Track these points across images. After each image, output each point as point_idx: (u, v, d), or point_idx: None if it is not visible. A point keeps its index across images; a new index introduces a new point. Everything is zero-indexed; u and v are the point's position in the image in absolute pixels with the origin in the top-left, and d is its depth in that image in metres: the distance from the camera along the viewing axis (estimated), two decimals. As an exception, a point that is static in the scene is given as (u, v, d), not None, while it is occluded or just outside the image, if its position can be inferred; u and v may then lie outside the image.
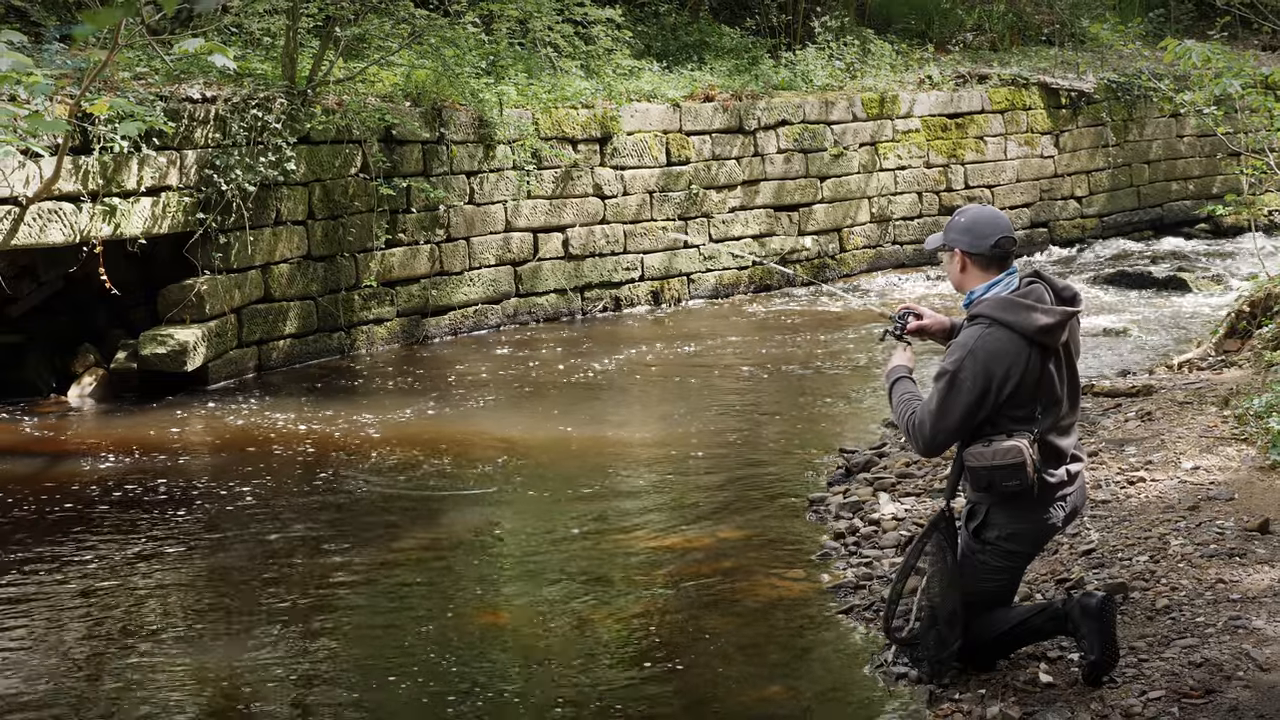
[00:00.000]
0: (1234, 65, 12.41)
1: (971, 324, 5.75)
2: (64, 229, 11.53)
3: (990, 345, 5.63)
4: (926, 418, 5.72)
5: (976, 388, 5.61)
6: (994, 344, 5.63)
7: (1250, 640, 5.87)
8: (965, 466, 5.76)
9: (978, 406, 5.63)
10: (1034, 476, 5.63)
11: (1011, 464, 5.61)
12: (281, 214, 13.45)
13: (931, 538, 5.95)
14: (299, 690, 6.54)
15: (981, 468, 5.67)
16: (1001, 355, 5.61)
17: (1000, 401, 5.63)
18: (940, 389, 5.69)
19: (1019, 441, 5.62)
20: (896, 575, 6.15)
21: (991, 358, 5.61)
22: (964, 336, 5.74)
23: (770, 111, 17.99)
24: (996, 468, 5.63)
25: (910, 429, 5.82)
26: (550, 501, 9.46)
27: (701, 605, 7.45)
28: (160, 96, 12.24)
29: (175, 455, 10.60)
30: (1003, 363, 5.61)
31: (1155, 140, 22.66)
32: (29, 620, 7.41)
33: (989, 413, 5.66)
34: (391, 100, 14.62)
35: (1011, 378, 5.61)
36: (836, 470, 9.62)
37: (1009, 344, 5.62)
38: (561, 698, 6.40)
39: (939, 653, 6.00)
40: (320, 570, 8.09)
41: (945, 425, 5.68)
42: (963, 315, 5.92)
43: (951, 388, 5.65)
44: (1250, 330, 11.17)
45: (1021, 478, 5.61)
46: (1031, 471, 5.61)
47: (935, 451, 5.90)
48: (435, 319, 15.14)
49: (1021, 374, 5.62)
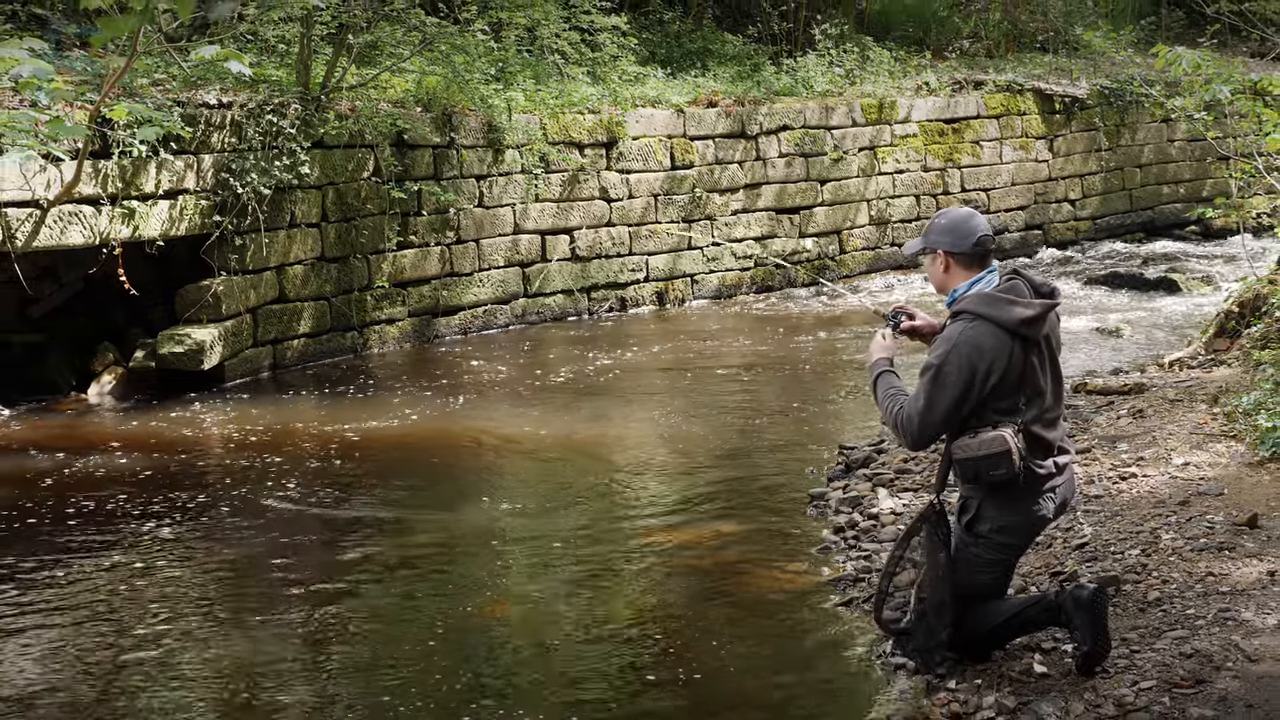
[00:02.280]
0: (1223, 72, 12.39)
1: (955, 320, 5.77)
2: (84, 231, 11.54)
3: (973, 339, 5.65)
4: (914, 412, 5.73)
5: (961, 380, 5.62)
6: (977, 338, 5.65)
7: (1239, 632, 5.86)
8: (953, 459, 5.76)
9: (963, 399, 5.64)
10: (1020, 465, 5.63)
11: (996, 453, 5.61)
12: (296, 216, 13.46)
13: (920, 530, 5.96)
14: (312, 681, 6.54)
15: (968, 459, 5.67)
16: (984, 348, 5.63)
17: (984, 394, 5.64)
18: (925, 383, 5.70)
19: (1003, 431, 5.63)
20: (885, 567, 6.17)
21: (975, 351, 5.63)
22: (948, 332, 5.76)
23: (772, 117, 17.98)
24: (982, 458, 5.63)
25: (898, 424, 5.82)
26: (557, 496, 9.45)
27: (705, 597, 7.45)
28: (177, 102, 12.24)
29: (192, 452, 10.61)
30: (986, 356, 5.62)
31: (1147, 145, 22.65)
32: (49, 613, 7.41)
33: (974, 405, 5.66)
34: (403, 106, 14.62)
35: (995, 370, 5.62)
36: (836, 466, 9.61)
37: (992, 337, 5.64)
38: (567, 687, 6.40)
39: (927, 642, 6.01)
40: (333, 564, 8.09)
41: (931, 419, 5.70)
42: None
43: (936, 381, 5.66)
44: (1239, 330, 11.15)
45: (1007, 466, 5.61)
46: (1017, 460, 5.61)
47: (923, 445, 5.89)
48: (446, 319, 15.15)
49: (1005, 366, 5.64)
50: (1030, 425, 5.71)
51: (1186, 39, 22.34)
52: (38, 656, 6.84)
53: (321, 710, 6.23)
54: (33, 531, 8.68)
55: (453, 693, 6.34)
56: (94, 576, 7.91)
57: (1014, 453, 5.61)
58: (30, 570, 8.00)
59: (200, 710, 6.27)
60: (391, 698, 6.30)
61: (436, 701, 6.26)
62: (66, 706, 6.32)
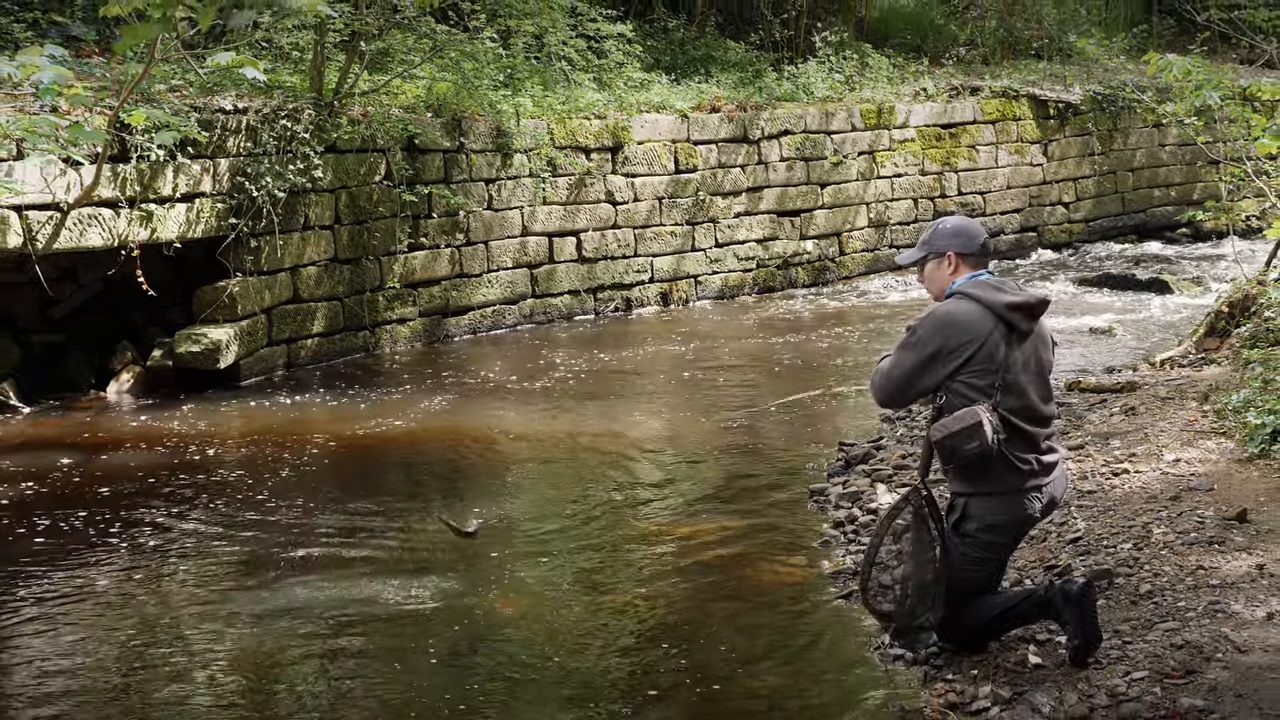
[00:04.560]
0: (1213, 78, 12.40)
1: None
2: (103, 233, 11.54)
3: (953, 310, 5.77)
4: (885, 367, 5.88)
5: (930, 346, 5.72)
6: (957, 311, 5.76)
7: (1229, 624, 5.86)
8: (931, 443, 5.77)
9: (929, 362, 5.72)
10: (993, 440, 5.60)
11: (968, 426, 5.61)
12: (309, 219, 13.46)
13: (900, 513, 5.98)
14: (322, 674, 6.54)
15: (944, 439, 5.67)
16: (961, 321, 5.72)
17: (955, 367, 5.69)
18: (900, 344, 5.85)
19: (976, 407, 5.65)
20: (868, 548, 6.18)
21: (950, 320, 5.74)
22: (936, 306, 5.90)
23: (773, 122, 17.97)
24: (956, 433, 5.63)
25: (873, 381, 5.98)
26: (563, 491, 9.46)
27: (708, 590, 7.45)
28: (194, 107, 12.25)
29: (209, 448, 10.61)
30: (960, 329, 5.70)
31: (1138, 149, 22.63)
32: (69, 603, 7.42)
33: (944, 378, 5.71)
34: (414, 111, 14.62)
35: (969, 345, 5.68)
36: (836, 462, 9.61)
37: (972, 313, 5.73)
38: (572, 677, 6.40)
39: (907, 623, 6.02)
40: (345, 558, 8.09)
41: (895, 375, 5.82)
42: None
43: (908, 343, 5.80)
44: (1229, 329, 11.14)
45: (979, 439, 5.59)
46: (989, 434, 5.59)
47: (890, 401, 6.01)
48: (455, 319, 15.15)
49: (981, 343, 5.68)
50: (1011, 415, 5.71)
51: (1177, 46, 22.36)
52: (56, 645, 6.85)
53: (332, 707, 6.23)
54: (53, 524, 8.68)
55: (459, 683, 6.34)
56: (112, 568, 7.93)
57: (986, 426, 5.59)
58: (51, 561, 8.01)
59: (211, 701, 6.27)
60: (402, 690, 6.30)
61: (444, 693, 6.27)
62: (87, 691, 6.33)
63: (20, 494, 9.37)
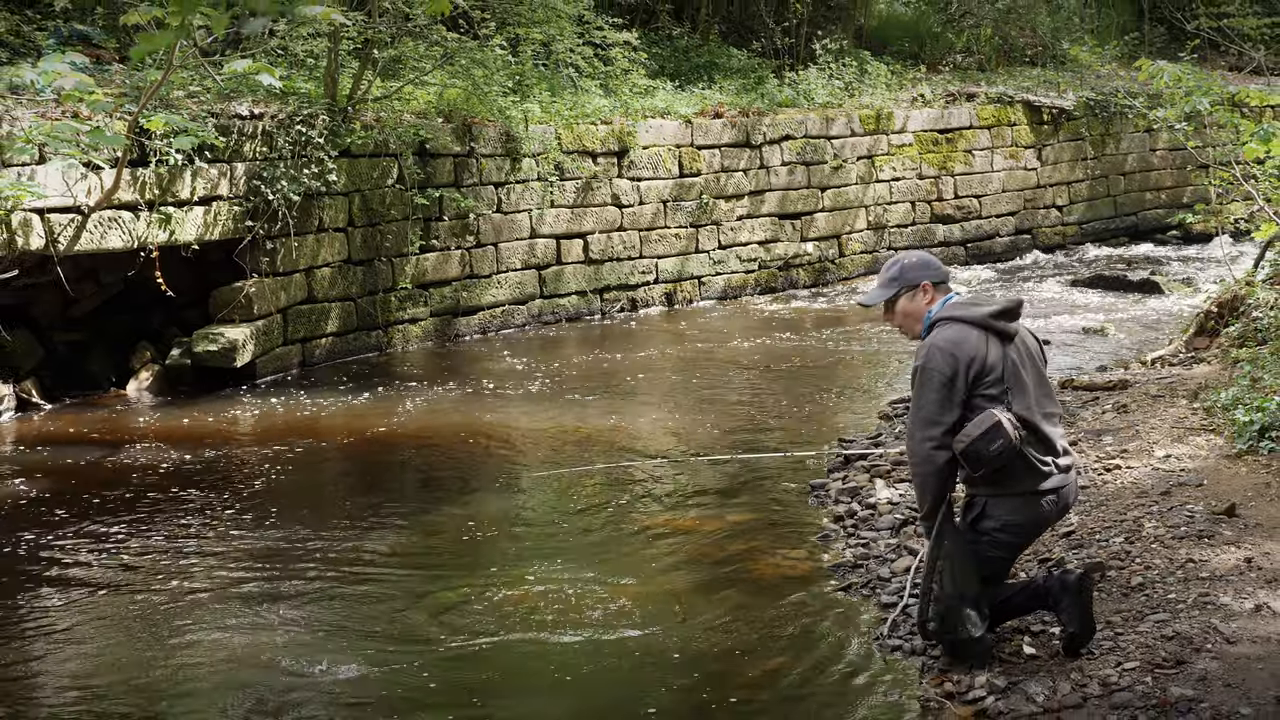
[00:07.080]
0: (1203, 84, 12.36)
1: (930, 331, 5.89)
2: (123, 235, 11.55)
3: (949, 334, 5.77)
4: (909, 424, 5.83)
5: (943, 373, 5.69)
6: (952, 333, 5.77)
7: (1218, 615, 5.85)
8: (955, 453, 5.71)
9: (949, 387, 5.68)
10: (1018, 439, 5.62)
11: (990, 427, 5.61)
12: (324, 222, 13.46)
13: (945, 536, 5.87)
14: (336, 665, 6.53)
15: (969, 446, 5.65)
16: (961, 340, 5.73)
17: (970, 381, 5.68)
18: (916, 387, 5.79)
19: (993, 409, 5.65)
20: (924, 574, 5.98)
21: (952, 343, 5.73)
22: (926, 339, 5.87)
23: (775, 127, 17.96)
24: (979, 437, 5.62)
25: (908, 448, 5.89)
26: (570, 486, 9.45)
27: (710, 583, 7.44)
28: (211, 113, 12.26)
29: (226, 444, 10.61)
30: (964, 346, 5.71)
31: (1130, 154, 22.59)
32: (91, 597, 7.42)
33: (964, 395, 5.68)
34: (425, 117, 14.62)
35: (976, 359, 5.70)
36: (836, 458, 9.59)
37: (966, 331, 5.75)
38: (577, 667, 6.40)
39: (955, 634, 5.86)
40: (358, 551, 8.09)
41: (923, 416, 5.73)
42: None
43: (921, 384, 5.75)
44: (1218, 329, 11.13)
45: (1004, 439, 5.60)
46: (1012, 432, 5.60)
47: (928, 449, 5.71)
48: (465, 319, 15.14)
49: (984, 356, 5.71)
50: (1026, 416, 5.70)
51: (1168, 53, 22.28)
52: (75, 636, 6.86)
53: (345, 697, 6.23)
54: (75, 518, 8.69)
55: (470, 673, 6.34)
56: (132, 560, 7.93)
57: (1008, 425, 5.60)
58: (74, 553, 8.02)
59: (227, 691, 6.27)
60: (413, 679, 6.30)
61: (454, 683, 6.26)
62: (105, 680, 6.34)
63: (42, 488, 9.38)
